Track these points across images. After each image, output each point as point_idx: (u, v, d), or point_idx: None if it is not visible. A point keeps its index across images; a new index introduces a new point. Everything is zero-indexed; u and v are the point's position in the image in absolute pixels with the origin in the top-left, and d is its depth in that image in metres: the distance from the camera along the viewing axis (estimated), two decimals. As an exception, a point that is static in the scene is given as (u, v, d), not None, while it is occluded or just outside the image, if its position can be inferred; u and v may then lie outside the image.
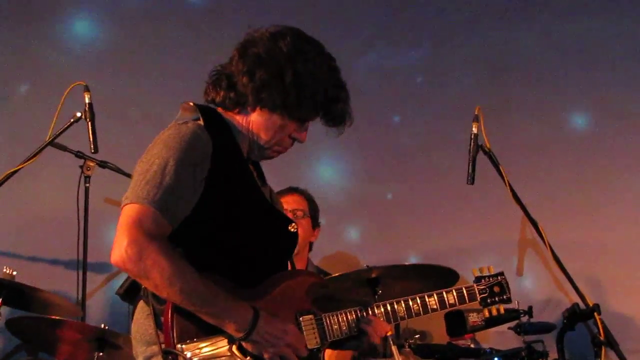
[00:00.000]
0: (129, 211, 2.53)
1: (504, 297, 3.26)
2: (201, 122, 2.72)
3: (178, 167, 2.58)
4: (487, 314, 3.26)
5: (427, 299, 3.08)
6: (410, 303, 3.05)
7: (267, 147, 2.85)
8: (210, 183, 2.65)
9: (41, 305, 4.47)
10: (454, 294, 3.15)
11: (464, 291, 3.18)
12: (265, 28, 2.84)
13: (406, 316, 3.05)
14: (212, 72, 2.87)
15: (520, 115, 6.09)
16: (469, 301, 3.19)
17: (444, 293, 3.13)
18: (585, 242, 5.65)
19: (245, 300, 2.64)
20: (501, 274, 3.29)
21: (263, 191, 2.89)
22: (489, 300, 3.24)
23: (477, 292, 3.21)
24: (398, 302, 3.04)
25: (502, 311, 3.25)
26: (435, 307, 3.10)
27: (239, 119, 2.83)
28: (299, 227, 4.71)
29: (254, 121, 2.81)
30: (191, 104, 2.81)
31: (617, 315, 5.38)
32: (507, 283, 3.29)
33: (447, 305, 3.13)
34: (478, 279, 3.25)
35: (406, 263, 3.15)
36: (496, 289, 3.24)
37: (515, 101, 6.11)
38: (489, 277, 3.26)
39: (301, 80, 2.75)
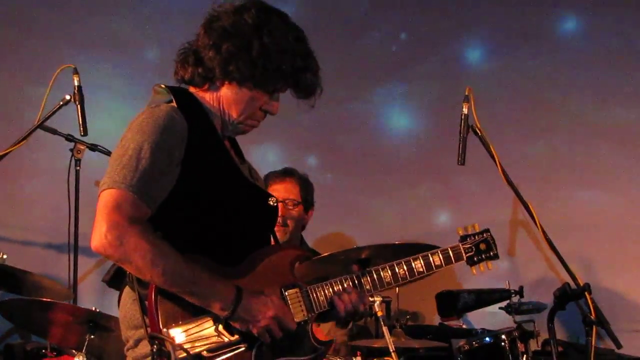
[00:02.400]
0: (106, 196, 2.52)
1: (491, 253, 3.19)
2: (174, 104, 2.71)
3: (153, 151, 2.57)
4: (474, 271, 3.19)
5: (413, 263, 3.04)
6: (397, 268, 3.02)
7: (239, 121, 2.85)
8: (187, 164, 2.65)
9: (32, 289, 4.46)
10: (440, 255, 3.08)
11: (450, 252, 3.11)
12: (229, 3, 2.84)
13: (392, 281, 3.01)
14: (179, 50, 2.87)
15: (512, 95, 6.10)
16: (455, 261, 3.11)
17: (429, 255, 3.06)
18: (576, 222, 5.67)
19: (228, 278, 2.65)
20: (487, 230, 3.22)
21: (241, 168, 2.88)
22: (475, 259, 3.16)
23: (462, 252, 3.14)
24: (384, 269, 3.02)
25: (489, 268, 3.21)
26: (421, 269, 3.04)
27: (209, 97, 2.83)
28: (290, 218, 4.74)
29: (223, 96, 2.82)
30: (162, 86, 2.81)
31: (608, 294, 5.40)
32: (493, 239, 3.21)
33: (434, 267, 3.06)
34: (463, 238, 3.18)
35: (396, 242, 3.13)
36: (482, 246, 3.17)
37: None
38: (474, 235, 3.19)
39: (268, 51, 2.74)
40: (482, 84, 5.78)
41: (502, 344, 4.43)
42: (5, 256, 4.41)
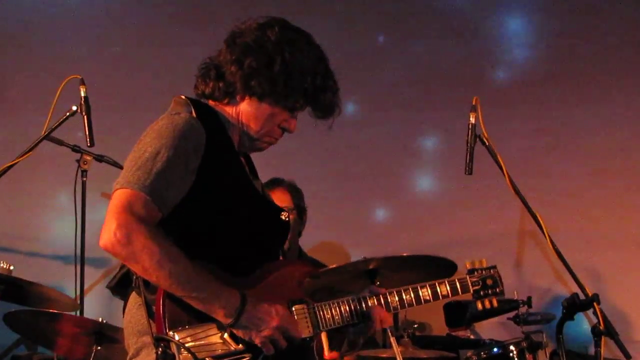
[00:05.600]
0: (119, 196, 2.54)
1: (497, 290, 3.20)
2: (194, 114, 2.72)
3: (170, 155, 2.58)
4: (480, 306, 3.21)
5: (420, 291, 3.06)
6: (403, 294, 3.03)
7: (257, 137, 2.87)
8: (203, 173, 2.66)
9: (39, 300, 4.46)
10: (447, 286, 3.11)
11: (457, 283, 3.13)
12: (252, 19, 2.87)
13: (399, 307, 3.04)
14: (200, 65, 2.89)
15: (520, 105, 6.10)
16: (462, 293, 3.15)
17: (437, 285, 3.09)
18: (584, 233, 5.65)
19: (236, 288, 2.63)
20: (493, 267, 3.24)
21: (254, 183, 2.90)
22: (481, 293, 3.18)
23: (469, 285, 3.16)
24: (391, 293, 3.02)
25: (495, 304, 3.22)
26: (428, 298, 3.07)
27: (229, 110, 2.85)
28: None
29: (243, 111, 2.84)
30: (183, 97, 2.82)
31: (617, 305, 5.38)
32: (499, 277, 3.23)
33: (440, 297, 3.09)
34: (471, 271, 3.20)
35: (404, 254, 3.13)
36: (489, 282, 3.19)
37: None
38: (481, 269, 3.22)
39: (289, 69, 2.77)
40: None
41: (511, 354, 4.41)
42: (12, 267, 4.41)
